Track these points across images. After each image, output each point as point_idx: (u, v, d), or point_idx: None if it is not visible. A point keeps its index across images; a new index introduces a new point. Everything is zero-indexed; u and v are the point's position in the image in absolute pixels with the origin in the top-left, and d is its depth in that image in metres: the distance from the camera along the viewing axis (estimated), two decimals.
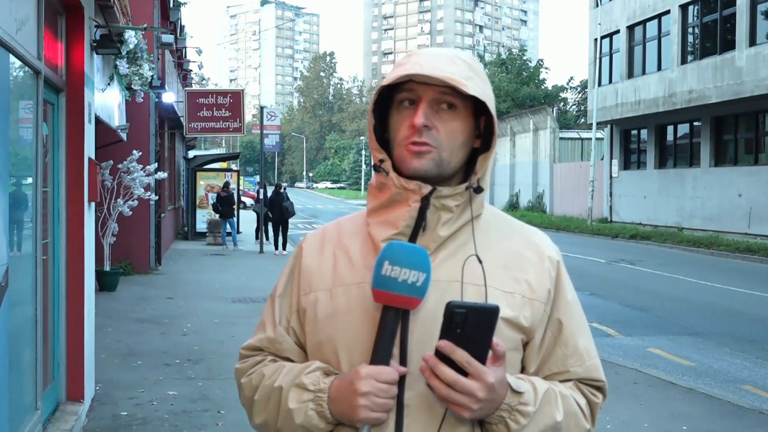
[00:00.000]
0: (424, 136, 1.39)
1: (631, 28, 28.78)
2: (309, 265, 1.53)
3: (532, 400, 1.37)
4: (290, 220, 20.71)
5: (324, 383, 1.39)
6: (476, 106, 1.45)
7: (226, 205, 20.24)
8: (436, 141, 1.40)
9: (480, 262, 1.40)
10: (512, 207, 41.32)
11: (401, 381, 1.35)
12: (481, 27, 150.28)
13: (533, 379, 1.42)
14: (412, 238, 1.41)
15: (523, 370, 1.47)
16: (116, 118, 9.45)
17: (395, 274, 1.32)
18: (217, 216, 20.82)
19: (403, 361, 1.36)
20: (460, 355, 1.27)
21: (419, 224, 1.41)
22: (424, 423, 1.37)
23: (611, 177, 30.64)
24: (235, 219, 21.10)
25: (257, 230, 21.58)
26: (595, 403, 1.51)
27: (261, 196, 20.92)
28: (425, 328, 1.38)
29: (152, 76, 8.77)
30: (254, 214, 24.69)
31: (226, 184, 21.45)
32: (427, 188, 1.40)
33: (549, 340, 1.48)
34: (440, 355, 1.28)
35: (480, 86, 1.40)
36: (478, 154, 1.47)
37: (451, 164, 1.42)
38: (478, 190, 1.44)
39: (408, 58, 1.45)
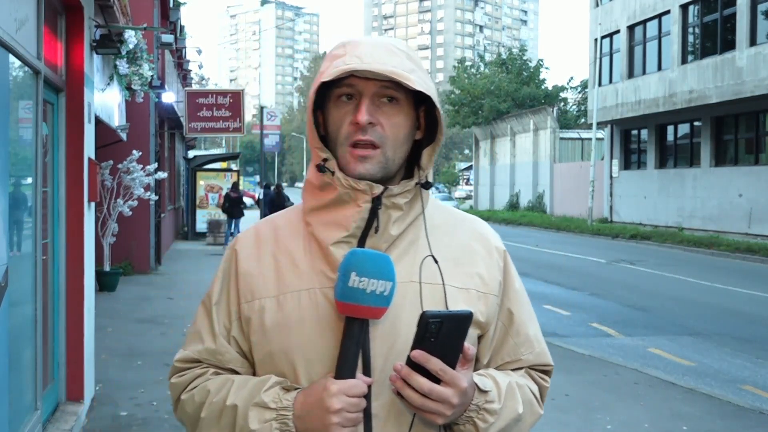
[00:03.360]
0: (368, 133, 1.33)
1: (631, 28, 28.77)
2: (247, 269, 1.43)
3: (497, 396, 1.37)
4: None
5: (286, 400, 1.31)
6: (416, 97, 1.39)
7: (236, 205, 20.28)
8: (380, 138, 1.34)
9: (436, 261, 1.37)
10: (512, 207, 41.33)
11: (368, 391, 1.31)
12: (481, 27, 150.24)
13: (494, 374, 1.42)
14: (362, 239, 1.36)
15: (476, 362, 1.46)
16: (116, 118, 9.44)
17: (363, 285, 1.26)
18: (225, 216, 20.80)
19: (366, 370, 1.32)
20: (434, 363, 1.25)
21: (370, 225, 1.35)
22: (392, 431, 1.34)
23: (611, 177, 30.64)
24: (241, 219, 21.11)
25: None
26: (545, 387, 1.53)
27: (261, 197, 20.92)
28: (385, 333, 1.34)
29: (152, 76, 8.77)
30: (257, 215, 24.67)
31: (235, 185, 21.45)
32: (378, 188, 1.34)
33: (500, 331, 1.47)
34: (412, 363, 1.25)
35: (422, 78, 1.35)
36: (421, 148, 1.43)
37: (395, 162, 1.37)
38: (427, 185, 1.41)
39: (343, 48, 1.37)
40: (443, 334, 1.24)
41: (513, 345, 1.48)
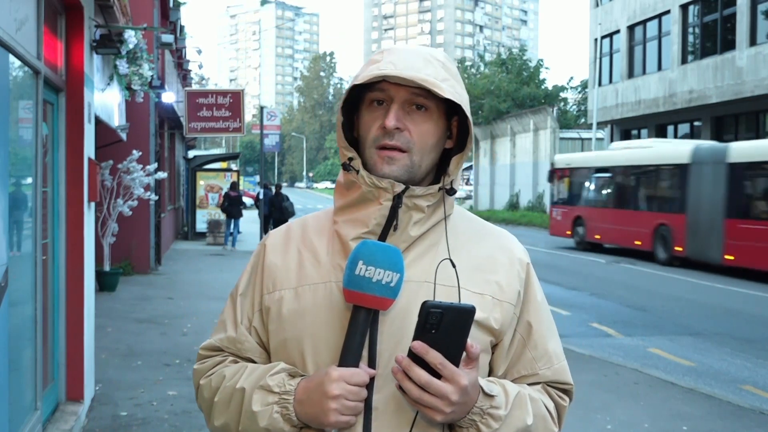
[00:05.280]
0: (395, 138, 1.37)
1: (631, 28, 28.76)
2: (273, 263, 1.48)
3: (504, 403, 1.35)
4: (290, 220, 20.80)
5: (290, 385, 1.35)
6: (449, 107, 1.42)
7: (235, 204, 20.30)
8: (407, 144, 1.37)
9: (453, 265, 1.37)
10: (512, 207, 41.30)
11: (370, 383, 1.32)
12: (481, 27, 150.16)
13: (503, 382, 1.40)
14: (382, 237, 1.38)
15: (491, 372, 1.45)
16: (116, 118, 9.44)
17: (369, 273, 1.29)
18: (224, 216, 20.78)
19: (371, 363, 1.34)
20: (434, 356, 1.24)
21: (390, 223, 1.38)
22: (393, 426, 1.34)
23: None
24: (240, 219, 21.09)
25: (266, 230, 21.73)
26: (563, 406, 1.50)
27: (261, 197, 20.92)
28: (394, 329, 1.35)
29: (152, 76, 8.76)
30: (256, 215, 24.66)
31: (234, 185, 21.46)
32: (399, 186, 1.37)
33: (518, 343, 1.46)
34: (413, 356, 1.25)
35: (455, 88, 1.38)
36: (451, 155, 1.45)
37: (421, 168, 1.40)
38: (451, 191, 1.43)
39: (381, 55, 1.41)
40: (444, 327, 1.23)
41: (530, 359, 1.46)
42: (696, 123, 25.62)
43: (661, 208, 18.17)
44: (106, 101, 8.00)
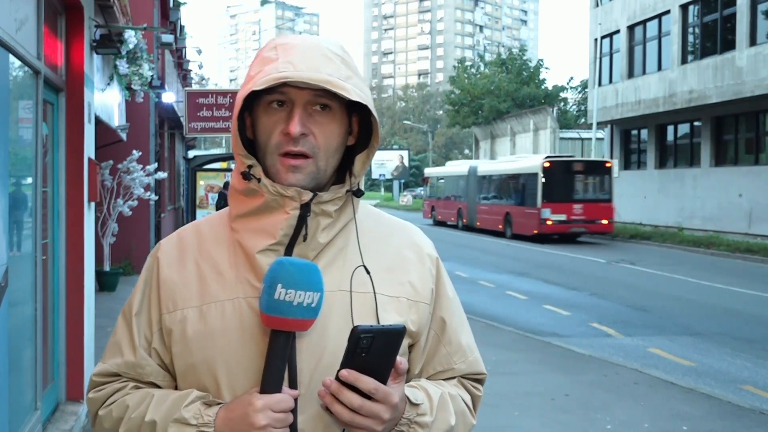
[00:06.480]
0: (300, 144, 1.28)
1: (631, 28, 28.77)
2: (169, 278, 1.37)
3: (429, 409, 1.34)
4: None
5: (208, 416, 1.26)
6: (350, 103, 1.33)
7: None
8: (312, 149, 1.30)
9: (368, 272, 1.33)
10: None
11: (294, 406, 1.26)
12: (481, 27, 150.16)
13: (425, 385, 1.39)
14: (290, 246, 1.31)
15: (408, 371, 1.41)
16: (116, 118, 9.44)
17: (289, 297, 1.21)
18: None
19: (292, 383, 1.27)
20: (366, 383, 1.21)
21: (298, 232, 1.30)
22: None
23: (611, 177, 30.59)
24: None
25: None
26: (478, 396, 1.50)
27: None
28: (313, 345, 1.30)
29: (152, 76, 8.76)
30: None
31: (227, 184, 21.50)
32: (307, 195, 1.29)
33: (433, 340, 1.44)
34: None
35: (359, 86, 1.30)
36: (353, 153, 1.38)
37: (327, 172, 1.33)
38: (359, 193, 1.36)
39: (275, 51, 1.30)
40: (375, 349, 1.20)
41: (445, 354, 1.45)
42: (696, 123, 25.62)
43: (460, 199, 31.49)
44: (106, 101, 8.00)
